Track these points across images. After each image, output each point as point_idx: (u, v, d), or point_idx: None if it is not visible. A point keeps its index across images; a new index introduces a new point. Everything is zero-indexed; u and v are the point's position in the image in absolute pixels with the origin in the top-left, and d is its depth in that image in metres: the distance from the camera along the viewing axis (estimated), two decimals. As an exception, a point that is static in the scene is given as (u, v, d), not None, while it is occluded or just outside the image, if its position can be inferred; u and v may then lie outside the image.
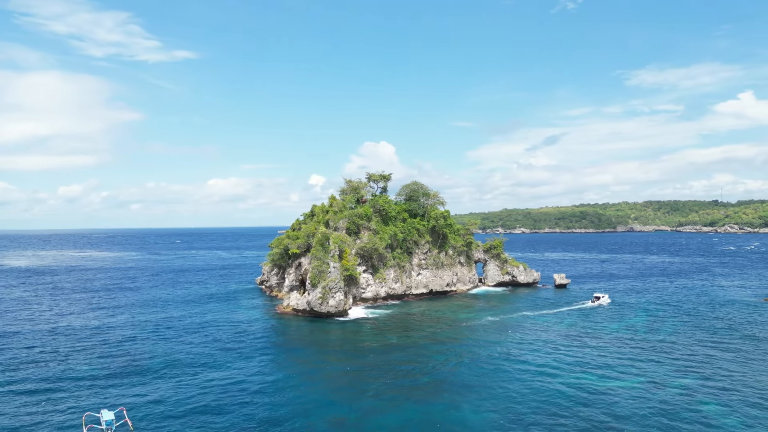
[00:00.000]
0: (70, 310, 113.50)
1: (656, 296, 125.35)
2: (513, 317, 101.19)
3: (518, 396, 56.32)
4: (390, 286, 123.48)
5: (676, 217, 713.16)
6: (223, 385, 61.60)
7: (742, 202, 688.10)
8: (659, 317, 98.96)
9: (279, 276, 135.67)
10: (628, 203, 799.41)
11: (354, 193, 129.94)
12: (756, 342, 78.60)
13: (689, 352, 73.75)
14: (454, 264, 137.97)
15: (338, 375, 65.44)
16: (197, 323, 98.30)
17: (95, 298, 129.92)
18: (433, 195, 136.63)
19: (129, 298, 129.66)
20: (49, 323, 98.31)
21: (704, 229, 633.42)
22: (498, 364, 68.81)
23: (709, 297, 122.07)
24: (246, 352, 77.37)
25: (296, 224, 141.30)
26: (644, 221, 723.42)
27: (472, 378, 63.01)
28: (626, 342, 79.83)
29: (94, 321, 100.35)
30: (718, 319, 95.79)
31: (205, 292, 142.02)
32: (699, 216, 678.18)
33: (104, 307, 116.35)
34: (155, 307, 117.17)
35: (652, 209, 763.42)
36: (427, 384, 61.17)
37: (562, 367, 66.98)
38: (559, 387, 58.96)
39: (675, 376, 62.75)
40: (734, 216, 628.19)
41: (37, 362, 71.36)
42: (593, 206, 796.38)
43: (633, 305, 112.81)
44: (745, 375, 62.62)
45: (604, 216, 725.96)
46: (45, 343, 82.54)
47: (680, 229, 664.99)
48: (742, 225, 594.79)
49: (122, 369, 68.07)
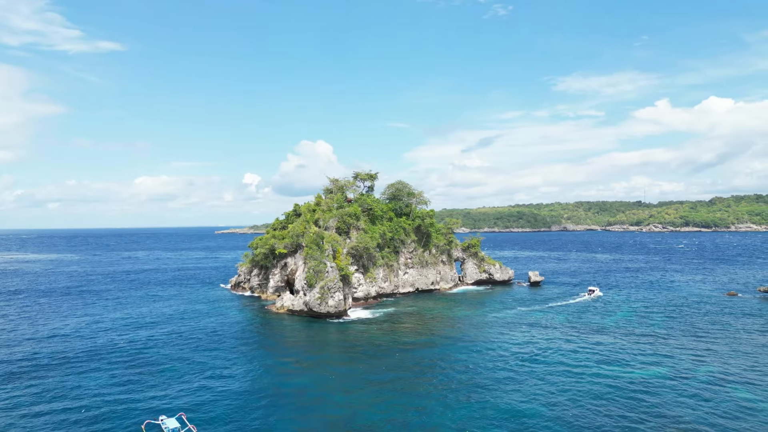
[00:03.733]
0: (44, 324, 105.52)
1: (631, 292, 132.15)
2: (513, 313, 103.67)
3: (558, 389, 58.00)
4: (380, 285, 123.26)
5: (605, 216, 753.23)
6: (254, 390, 59.59)
7: (663, 203, 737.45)
8: (646, 312, 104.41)
9: (261, 277, 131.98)
10: (560, 204, 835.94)
11: (340, 192, 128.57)
12: (748, 334, 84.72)
13: (689, 343, 78.43)
14: (437, 263, 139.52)
15: (382, 380, 64.65)
16: (193, 329, 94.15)
17: (51, 306, 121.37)
18: (417, 194, 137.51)
19: (97, 307, 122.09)
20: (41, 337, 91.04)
21: (631, 228, 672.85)
22: (523, 359, 70.42)
23: (678, 292, 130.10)
24: (257, 355, 75.14)
25: (277, 224, 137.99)
26: (576, 221, 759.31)
27: (507, 374, 64.15)
28: (628, 334, 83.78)
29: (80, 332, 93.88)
30: (698, 313, 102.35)
31: (183, 297, 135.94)
32: (626, 216, 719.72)
33: (81, 317, 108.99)
34: (138, 315, 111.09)
35: (582, 209, 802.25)
36: (470, 382, 61.68)
37: (584, 360, 69.49)
38: (593, 380, 61.13)
39: (693, 365, 66.60)
40: (657, 216, 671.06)
41: (52, 372, 66.06)
42: (528, 206, 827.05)
43: (618, 300, 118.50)
44: (757, 364, 67.54)
45: (539, 216, 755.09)
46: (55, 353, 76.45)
47: (609, 228, 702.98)
48: (665, 224, 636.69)
49: (141, 378, 64.30)
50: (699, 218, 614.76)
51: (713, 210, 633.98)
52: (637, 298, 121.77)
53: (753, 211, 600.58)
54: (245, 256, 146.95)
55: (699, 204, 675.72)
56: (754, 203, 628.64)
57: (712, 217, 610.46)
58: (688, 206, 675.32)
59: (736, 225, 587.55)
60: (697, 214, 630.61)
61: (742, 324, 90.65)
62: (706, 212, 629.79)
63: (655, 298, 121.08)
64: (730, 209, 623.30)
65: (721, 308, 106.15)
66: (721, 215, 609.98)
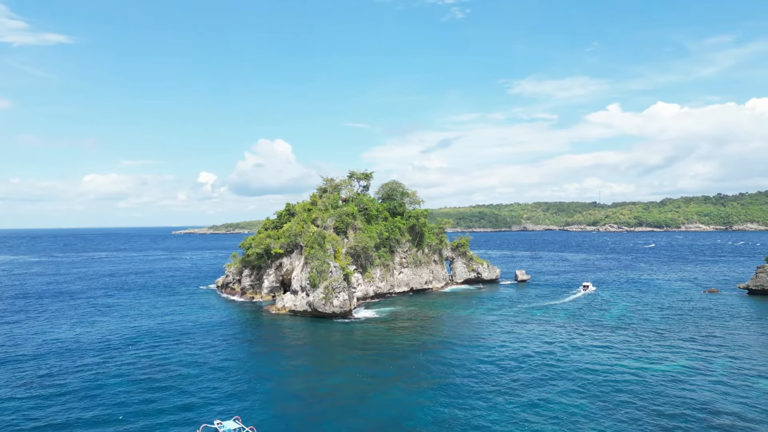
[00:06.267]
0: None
1: (620, 289, 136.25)
2: (515, 311, 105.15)
3: (590, 385, 59.32)
4: (377, 285, 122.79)
5: (562, 217, 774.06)
6: (291, 392, 58.48)
7: (617, 204, 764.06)
8: (640, 309, 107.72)
9: (254, 277, 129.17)
10: (519, 204, 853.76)
11: (336, 191, 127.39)
12: (746, 329, 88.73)
13: (692, 338, 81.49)
14: (429, 262, 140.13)
15: (416, 380, 64.34)
16: (200, 333, 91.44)
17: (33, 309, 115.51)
18: (411, 194, 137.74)
19: (88, 312, 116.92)
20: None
21: (588, 228, 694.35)
22: (548, 356, 71.58)
23: (661, 290, 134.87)
24: (277, 357, 73.76)
25: (269, 223, 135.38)
26: (535, 221, 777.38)
27: (541, 371, 65.05)
28: (633, 330, 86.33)
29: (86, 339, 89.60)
30: (690, 310, 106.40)
31: (172, 300, 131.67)
32: (583, 216, 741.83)
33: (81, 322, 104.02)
34: (128, 317, 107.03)
35: (541, 210, 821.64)
36: (508, 380, 62.16)
37: (604, 355, 71.28)
38: (618, 376, 62.74)
39: (707, 358, 69.25)
40: (613, 216, 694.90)
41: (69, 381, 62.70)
42: (489, 207, 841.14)
43: (612, 297, 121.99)
44: (757, 356, 70.88)
45: (500, 216, 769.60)
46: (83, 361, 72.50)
47: (567, 228, 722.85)
48: (620, 224, 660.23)
49: (168, 384, 61.98)
50: (652, 218, 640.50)
51: (665, 210, 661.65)
52: (627, 295, 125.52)
53: (701, 212, 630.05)
54: (233, 256, 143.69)
55: (651, 205, 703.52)
56: (702, 204, 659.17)
57: (663, 217, 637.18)
58: (641, 207, 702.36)
59: (686, 225, 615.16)
60: (650, 214, 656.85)
61: (735, 320, 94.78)
62: (658, 213, 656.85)
63: (643, 295, 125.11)
64: (680, 210, 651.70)
65: (709, 305, 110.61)
66: (672, 216, 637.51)
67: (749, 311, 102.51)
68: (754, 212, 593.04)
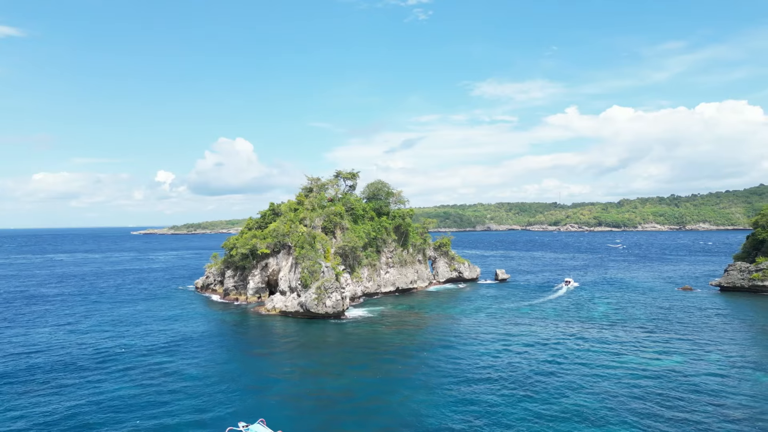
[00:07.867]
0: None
1: (596, 288, 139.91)
2: (505, 308, 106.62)
3: (600, 381, 60.90)
4: (365, 285, 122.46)
5: (525, 217, 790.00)
6: (302, 394, 57.81)
7: (577, 204, 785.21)
8: (623, 306, 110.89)
9: (237, 278, 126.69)
10: (483, 204, 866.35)
11: (323, 191, 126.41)
12: (728, 325, 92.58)
13: (680, 335, 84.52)
14: (414, 262, 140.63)
15: (427, 380, 64.39)
16: (193, 338, 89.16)
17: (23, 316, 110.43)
18: (396, 194, 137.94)
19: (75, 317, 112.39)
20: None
21: (549, 228, 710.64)
22: (550, 353, 72.98)
23: (637, 288, 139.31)
24: (278, 360, 72.68)
25: (252, 223, 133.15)
26: (499, 221, 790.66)
27: (549, 368, 66.26)
28: (622, 327, 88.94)
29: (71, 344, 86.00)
30: (671, 308, 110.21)
31: (155, 303, 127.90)
32: (545, 216, 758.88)
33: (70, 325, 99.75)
34: (111, 323, 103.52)
35: (504, 210, 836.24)
36: (519, 378, 63.03)
37: (603, 353, 73.22)
38: (621, 371, 64.61)
39: (701, 352, 72.02)
40: (573, 216, 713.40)
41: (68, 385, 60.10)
42: (453, 207, 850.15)
43: (592, 296, 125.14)
44: (748, 351, 74.21)
45: (465, 216, 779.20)
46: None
47: (530, 228, 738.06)
48: (581, 224, 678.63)
49: (179, 389, 60.27)
50: (610, 218, 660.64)
51: (622, 211, 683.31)
52: (608, 293, 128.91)
53: (657, 212, 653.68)
54: (214, 257, 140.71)
55: (609, 205, 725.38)
56: (657, 205, 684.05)
57: (621, 217, 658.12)
58: (600, 207, 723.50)
59: (642, 225, 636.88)
60: (609, 214, 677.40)
61: (717, 317, 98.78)
62: (617, 213, 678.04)
63: (621, 293, 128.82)
64: (637, 210, 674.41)
65: (687, 303, 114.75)
66: (629, 216, 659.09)
67: (726, 308, 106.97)
68: (705, 213, 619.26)
